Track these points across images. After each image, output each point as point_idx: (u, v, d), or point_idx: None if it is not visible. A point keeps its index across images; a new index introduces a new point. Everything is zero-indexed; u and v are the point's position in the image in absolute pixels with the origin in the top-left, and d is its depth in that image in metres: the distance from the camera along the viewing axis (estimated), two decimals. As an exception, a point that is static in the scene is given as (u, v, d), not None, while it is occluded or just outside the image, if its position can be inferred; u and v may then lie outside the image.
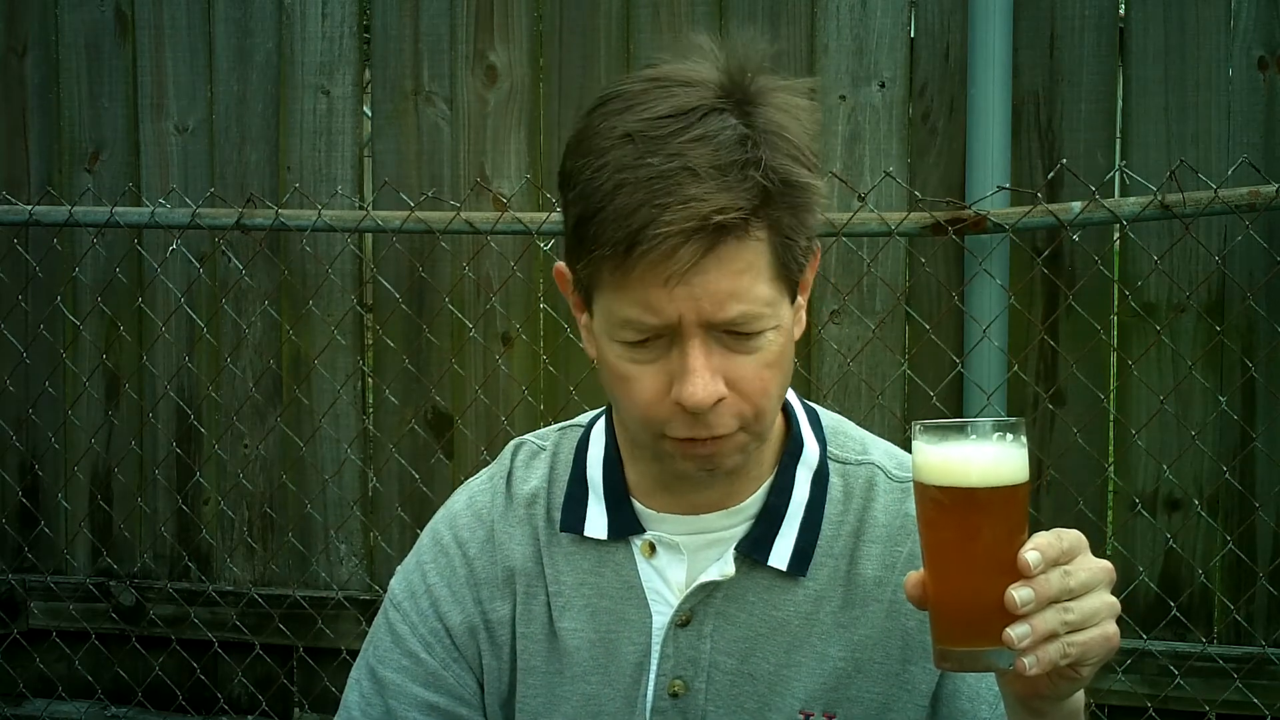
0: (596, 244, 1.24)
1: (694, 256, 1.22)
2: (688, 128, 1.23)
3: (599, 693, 1.42)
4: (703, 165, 1.22)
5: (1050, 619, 1.12)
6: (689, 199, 1.21)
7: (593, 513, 1.44)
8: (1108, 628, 1.14)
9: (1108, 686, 3.02)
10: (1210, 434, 3.00)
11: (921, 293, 3.13)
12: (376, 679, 1.48)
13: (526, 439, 1.54)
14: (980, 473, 1.17)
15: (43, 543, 3.68)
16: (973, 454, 1.18)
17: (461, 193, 3.31)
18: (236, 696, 3.61)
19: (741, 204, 1.22)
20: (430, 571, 1.49)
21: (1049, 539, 1.14)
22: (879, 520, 1.43)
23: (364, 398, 3.50)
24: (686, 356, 1.25)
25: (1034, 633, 1.12)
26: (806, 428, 1.46)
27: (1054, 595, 1.12)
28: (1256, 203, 2.77)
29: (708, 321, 1.25)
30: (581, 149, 1.28)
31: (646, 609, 1.42)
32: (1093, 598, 1.14)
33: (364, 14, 3.44)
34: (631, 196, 1.22)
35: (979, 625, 1.15)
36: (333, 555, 3.51)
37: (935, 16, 3.10)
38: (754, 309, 1.26)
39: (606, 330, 1.30)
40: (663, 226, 1.20)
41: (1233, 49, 2.96)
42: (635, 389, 1.29)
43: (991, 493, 1.17)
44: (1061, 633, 1.12)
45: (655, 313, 1.24)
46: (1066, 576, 1.13)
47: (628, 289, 1.25)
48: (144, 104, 3.55)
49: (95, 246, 3.54)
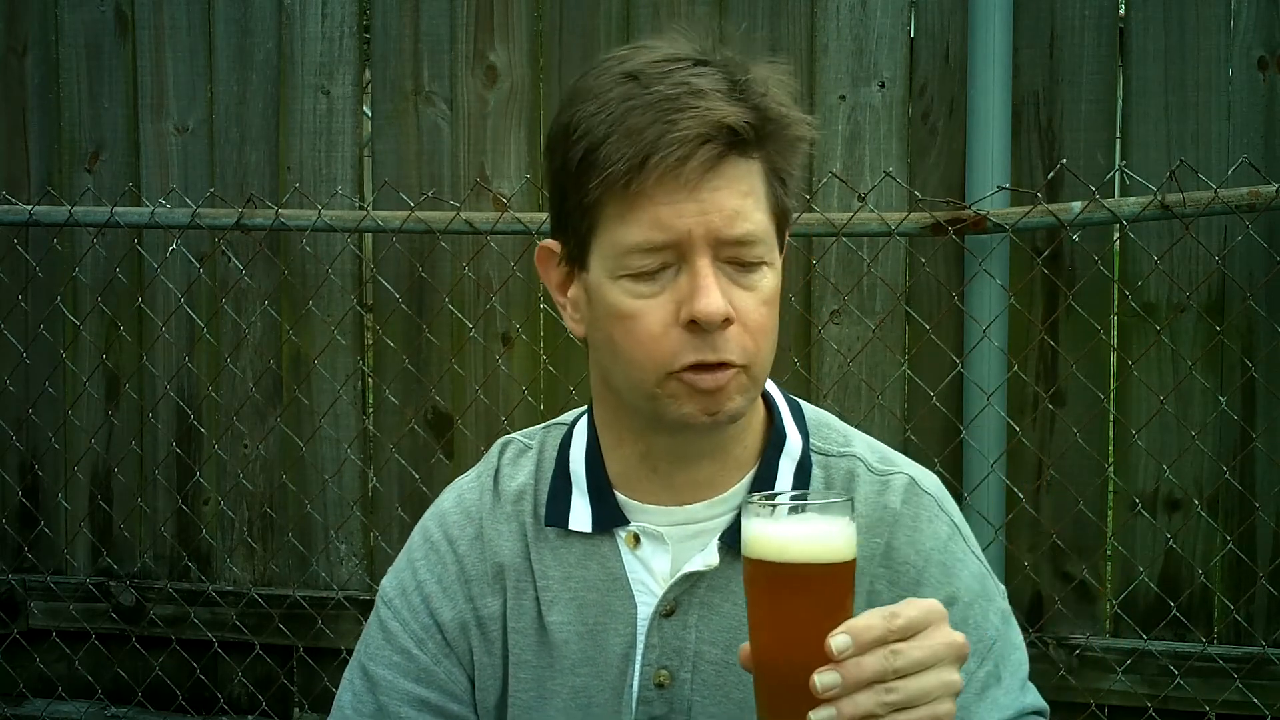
0: (609, 164, 1.27)
1: (707, 165, 1.27)
2: (685, 67, 1.30)
3: (588, 685, 1.43)
4: (707, 88, 1.28)
5: (864, 701, 1.11)
6: (700, 109, 1.27)
7: (577, 506, 1.45)
8: (939, 708, 1.13)
9: (1108, 687, 3.02)
10: (1210, 434, 3.00)
11: (921, 293, 3.13)
12: (368, 676, 1.49)
13: (513, 437, 1.56)
14: (797, 549, 1.16)
15: (43, 543, 3.68)
16: (788, 530, 1.17)
17: (461, 193, 3.31)
18: (236, 696, 3.61)
19: (748, 117, 1.29)
20: (421, 568, 1.50)
21: (874, 620, 1.13)
22: (858, 511, 1.42)
23: (364, 398, 3.50)
24: (697, 274, 1.29)
25: (840, 716, 1.11)
26: (789, 420, 1.47)
27: (870, 678, 1.11)
28: (1256, 203, 2.77)
29: (716, 237, 1.29)
30: (579, 99, 1.33)
31: (631, 600, 1.42)
32: (927, 676, 1.13)
33: (364, 14, 3.44)
34: (642, 116, 1.27)
35: (791, 703, 1.13)
36: (333, 555, 3.51)
37: (935, 16, 3.10)
38: (757, 231, 1.31)
39: (609, 270, 1.32)
40: (677, 132, 1.25)
41: (1233, 49, 2.95)
42: (641, 325, 1.31)
43: (803, 569, 1.15)
44: (882, 714, 1.11)
45: (666, 229, 1.28)
46: (893, 656, 1.11)
47: (638, 209, 1.29)
48: (144, 104, 3.55)
49: (95, 246, 3.54)
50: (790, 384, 3.02)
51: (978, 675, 1.39)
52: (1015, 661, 1.44)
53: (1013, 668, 1.43)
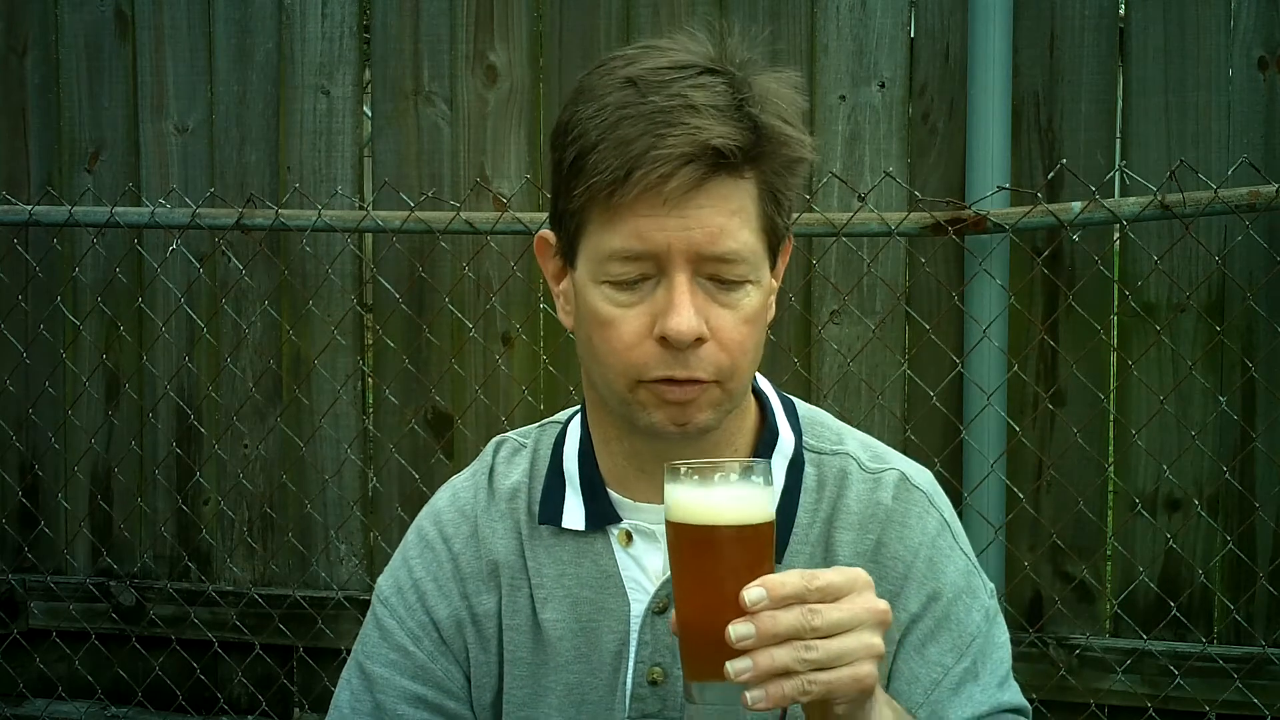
0: (595, 173, 1.28)
1: (690, 184, 1.27)
2: (687, 77, 1.30)
3: (582, 682, 1.44)
4: (702, 103, 1.28)
5: (782, 655, 1.12)
6: (689, 127, 1.26)
7: (570, 504, 1.46)
8: (860, 669, 1.14)
9: (1108, 687, 3.02)
10: (1210, 434, 3.00)
11: (921, 293, 3.13)
12: (365, 675, 1.49)
13: (508, 436, 1.56)
14: (715, 512, 1.18)
15: (43, 543, 3.68)
16: (707, 495, 1.19)
17: (461, 193, 3.31)
18: (236, 696, 3.61)
19: (738, 139, 1.28)
20: (416, 566, 1.50)
21: (791, 578, 1.14)
22: (851, 508, 1.44)
23: (364, 398, 3.50)
24: (673, 291, 1.29)
25: (756, 667, 1.12)
26: (782, 418, 1.47)
27: (786, 632, 1.12)
28: (1256, 203, 2.77)
29: (698, 254, 1.29)
30: (581, 99, 1.33)
31: (624, 597, 1.43)
32: (847, 638, 1.14)
33: (364, 14, 3.44)
34: (633, 127, 1.27)
35: (713, 662, 1.15)
36: (333, 555, 3.51)
37: (935, 16, 3.10)
38: (742, 250, 1.30)
39: (592, 273, 1.33)
40: (663, 149, 1.25)
41: (1233, 49, 2.95)
42: (616, 333, 1.32)
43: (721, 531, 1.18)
44: (801, 670, 1.12)
45: (645, 240, 1.29)
46: (811, 615, 1.13)
47: (620, 219, 1.29)
48: (144, 104, 3.55)
49: (95, 246, 3.54)
50: (790, 384, 3.03)
51: (954, 670, 1.40)
52: (996, 660, 1.44)
53: (993, 666, 1.43)
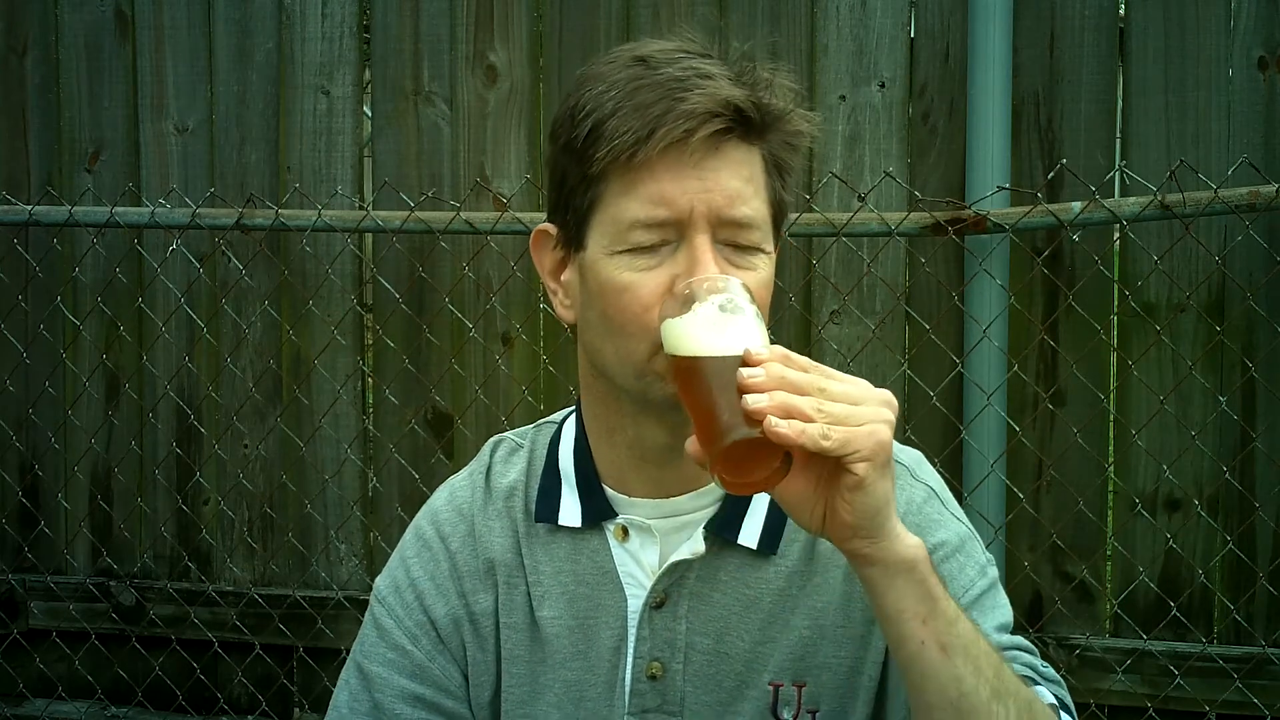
0: (616, 136, 1.29)
1: (710, 143, 1.30)
2: (693, 57, 1.34)
3: (580, 679, 1.44)
4: (714, 72, 1.31)
5: (798, 401, 1.17)
6: (708, 88, 1.29)
7: (566, 502, 1.46)
8: (878, 429, 1.18)
9: (1108, 687, 3.02)
10: (1210, 434, 3.00)
11: (921, 293, 3.13)
12: (363, 674, 1.49)
13: (505, 436, 1.57)
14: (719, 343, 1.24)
15: (43, 543, 3.68)
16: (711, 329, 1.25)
17: (461, 193, 3.31)
18: (236, 696, 3.61)
19: (754, 100, 1.32)
20: (414, 566, 1.51)
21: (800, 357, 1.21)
22: None
23: (364, 398, 3.50)
24: (695, 249, 1.31)
25: (772, 401, 1.16)
26: None
27: (794, 381, 1.18)
28: (1256, 203, 2.77)
29: (718, 217, 1.31)
30: (586, 84, 1.35)
31: (621, 593, 1.43)
32: (861, 407, 1.19)
33: (364, 14, 3.44)
34: (650, 94, 1.30)
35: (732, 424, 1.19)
36: (333, 555, 3.51)
37: (935, 16, 3.10)
38: (755, 217, 1.33)
39: (607, 245, 1.34)
40: (685, 106, 1.28)
41: (1233, 49, 2.95)
42: (634, 296, 1.32)
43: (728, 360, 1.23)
44: (817, 418, 1.16)
45: (668, 204, 1.30)
46: (823, 380, 1.19)
47: (640, 184, 1.31)
48: (144, 104, 3.55)
49: (95, 246, 3.54)
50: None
51: None
52: (995, 617, 1.42)
53: (994, 617, 1.41)
